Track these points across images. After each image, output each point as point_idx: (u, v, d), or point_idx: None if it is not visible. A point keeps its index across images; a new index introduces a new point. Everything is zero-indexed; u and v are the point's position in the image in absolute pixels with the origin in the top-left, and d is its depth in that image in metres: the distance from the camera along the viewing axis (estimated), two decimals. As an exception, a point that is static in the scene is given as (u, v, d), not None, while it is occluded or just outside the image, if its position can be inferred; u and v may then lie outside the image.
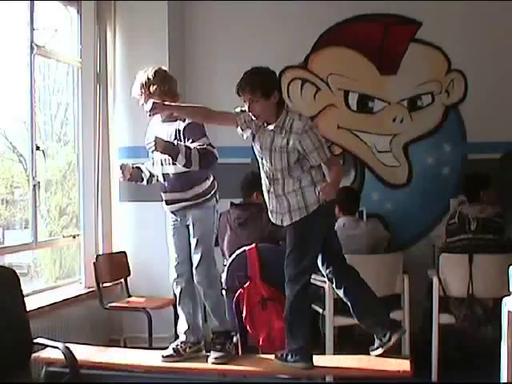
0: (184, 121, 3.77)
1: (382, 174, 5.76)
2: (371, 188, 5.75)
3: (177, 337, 3.97)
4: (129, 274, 5.32)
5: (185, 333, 3.85)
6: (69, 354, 3.15)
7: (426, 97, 5.71)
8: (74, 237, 5.29)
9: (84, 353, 3.69)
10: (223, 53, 5.80)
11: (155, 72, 3.75)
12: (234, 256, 4.31)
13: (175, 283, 3.91)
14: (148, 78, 3.74)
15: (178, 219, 3.86)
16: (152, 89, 3.71)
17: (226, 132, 3.94)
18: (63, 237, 5.22)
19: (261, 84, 3.58)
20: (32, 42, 4.64)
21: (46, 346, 3.33)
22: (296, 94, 5.79)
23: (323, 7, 5.61)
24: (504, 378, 3.27)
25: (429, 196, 5.67)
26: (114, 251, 5.45)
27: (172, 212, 3.87)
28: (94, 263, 4.97)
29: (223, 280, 4.39)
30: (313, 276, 4.64)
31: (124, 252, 5.37)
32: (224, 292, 4.38)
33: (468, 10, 5.54)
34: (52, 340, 3.29)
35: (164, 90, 3.74)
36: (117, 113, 5.49)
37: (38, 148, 4.70)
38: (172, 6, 5.53)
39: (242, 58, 5.73)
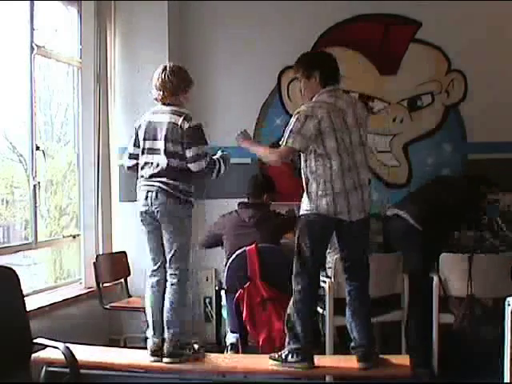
0: (188, 120, 3.75)
1: (382, 174, 5.75)
2: (371, 188, 5.72)
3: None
4: (129, 274, 5.32)
5: None
6: (69, 354, 3.14)
7: (425, 97, 5.70)
8: (74, 237, 5.29)
9: (84, 353, 3.69)
10: (223, 53, 5.79)
11: None
12: (233, 256, 4.30)
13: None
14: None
15: None
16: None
17: (227, 131, 3.93)
18: (63, 237, 5.23)
19: (302, 62, 3.77)
20: (32, 42, 4.64)
21: (46, 346, 3.33)
22: (296, 94, 5.77)
23: (323, 7, 5.61)
24: (507, 377, 3.26)
25: (429, 196, 5.66)
26: (114, 251, 5.45)
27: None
28: (94, 263, 4.97)
29: (223, 280, 4.38)
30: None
31: (124, 252, 5.37)
32: (224, 292, 4.39)
33: (468, 10, 5.53)
34: (52, 340, 3.28)
35: None
36: (117, 113, 5.49)
37: (37, 148, 4.69)
38: (172, 6, 5.53)
39: (242, 58, 5.76)
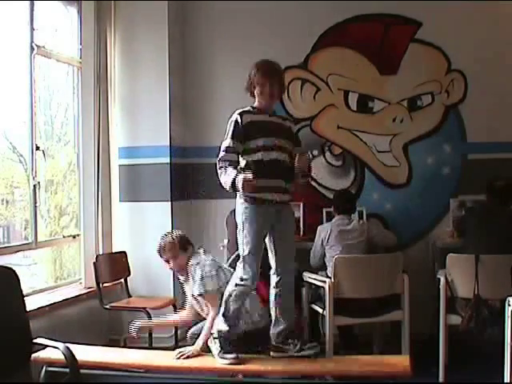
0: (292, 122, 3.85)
1: (382, 174, 5.75)
2: (371, 188, 5.75)
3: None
4: (129, 274, 5.32)
5: None
6: (69, 354, 3.14)
7: (425, 97, 5.70)
8: (74, 237, 5.29)
9: (84, 353, 3.69)
10: (223, 53, 5.80)
11: None
12: (234, 256, 4.30)
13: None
14: None
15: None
16: None
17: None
18: (63, 237, 5.22)
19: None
20: (32, 42, 4.65)
21: (46, 346, 3.33)
22: (296, 94, 5.79)
23: (323, 7, 5.62)
24: (507, 377, 3.26)
25: (429, 196, 5.67)
26: (114, 251, 5.46)
27: (272, 202, 3.55)
28: (94, 263, 4.97)
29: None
30: (313, 276, 4.67)
31: (124, 252, 5.37)
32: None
33: (468, 10, 5.54)
34: (52, 340, 3.28)
35: None
36: (117, 113, 5.50)
37: (37, 148, 4.70)
38: (172, 5, 5.54)
39: (241, 58, 5.75)
